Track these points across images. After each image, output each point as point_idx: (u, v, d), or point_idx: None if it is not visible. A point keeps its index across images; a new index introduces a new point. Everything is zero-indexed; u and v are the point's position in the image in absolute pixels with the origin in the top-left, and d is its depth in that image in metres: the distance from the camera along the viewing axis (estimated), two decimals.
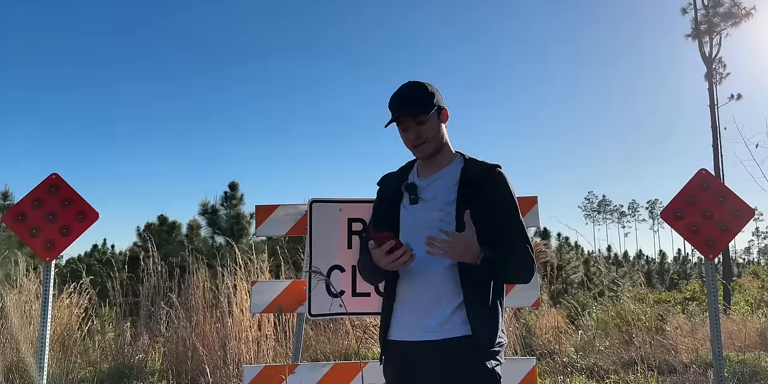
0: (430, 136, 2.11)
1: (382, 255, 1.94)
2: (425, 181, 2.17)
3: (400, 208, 2.16)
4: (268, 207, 3.74)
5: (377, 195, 2.34)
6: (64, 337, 6.10)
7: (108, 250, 14.61)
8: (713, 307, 4.10)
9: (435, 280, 2.04)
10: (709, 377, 5.69)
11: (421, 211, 2.10)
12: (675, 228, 4.18)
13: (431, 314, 2.02)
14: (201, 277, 6.26)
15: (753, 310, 9.71)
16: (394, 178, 2.28)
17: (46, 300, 3.98)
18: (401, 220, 2.13)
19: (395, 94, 2.15)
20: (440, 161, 2.18)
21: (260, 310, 3.71)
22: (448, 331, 2.00)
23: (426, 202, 2.11)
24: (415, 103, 2.10)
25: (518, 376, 3.45)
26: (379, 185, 2.35)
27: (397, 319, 2.11)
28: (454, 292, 2.03)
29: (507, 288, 3.67)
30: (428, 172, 2.19)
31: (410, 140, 2.13)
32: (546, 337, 7.76)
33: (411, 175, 2.23)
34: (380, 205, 2.28)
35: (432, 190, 2.13)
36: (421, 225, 2.07)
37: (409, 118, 2.09)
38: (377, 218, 2.25)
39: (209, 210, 10.74)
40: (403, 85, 2.16)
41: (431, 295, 2.04)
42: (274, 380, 3.53)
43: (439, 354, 2.00)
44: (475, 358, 1.99)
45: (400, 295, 2.11)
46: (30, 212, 3.95)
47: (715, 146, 21.34)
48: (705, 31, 22.94)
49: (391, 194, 2.21)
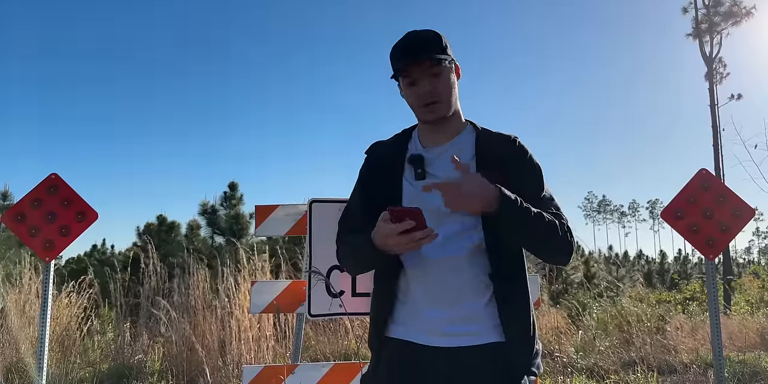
0: (445, 94, 1.71)
1: (396, 232, 1.51)
2: (431, 151, 1.77)
3: (403, 182, 1.74)
4: (267, 207, 3.74)
5: (366, 165, 1.89)
6: (64, 337, 6.10)
7: (107, 250, 14.60)
8: (713, 307, 4.09)
9: (455, 267, 1.65)
10: (709, 377, 5.68)
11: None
12: (675, 228, 4.18)
13: (451, 312, 1.64)
14: (200, 278, 6.26)
15: (753, 311, 9.71)
16: (386, 146, 1.87)
17: (46, 300, 3.97)
18: (404, 198, 1.72)
19: (403, 40, 1.74)
20: (450, 129, 1.78)
21: (260, 310, 3.71)
22: (472, 336, 1.64)
23: (436, 178, 1.69)
24: (431, 49, 1.69)
25: None
26: (367, 154, 1.90)
27: (401, 317, 1.72)
28: (482, 283, 1.66)
29: None
30: (434, 141, 1.78)
31: (423, 96, 1.70)
32: (546, 337, 7.75)
33: (412, 145, 1.82)
34: (371, 178, 1.84)
35: (442, 164, 1.71)
36: (432, 205, 1.63)
37: (422, 67, 1.68)
38: (370, 193, 1.80)
39: (209, 210, 10.75)
40: (411, 32, 1.74)
41: (450, 287, 1.65)
42: (273, 380, 3.53)
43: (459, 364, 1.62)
44: (507, 371, 1.63)
45: (405, 286, 1.72)
46: (29, 212, 3.95)
47: (715, 146, 21.32)
48: (705, 30, 22.93)
49: (388, 166, 1.79)
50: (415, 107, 1.75)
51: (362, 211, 1.78)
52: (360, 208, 1.81)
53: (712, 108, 21.85)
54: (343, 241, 1.83)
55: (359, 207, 1.81)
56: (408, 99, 1.77)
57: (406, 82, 1.73)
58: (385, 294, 1.75)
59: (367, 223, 1.65)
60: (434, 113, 1.73)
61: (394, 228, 1.52)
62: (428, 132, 1.80)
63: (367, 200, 1.79)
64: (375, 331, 1.77)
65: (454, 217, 1.65)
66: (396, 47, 1.74)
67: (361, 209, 1.80)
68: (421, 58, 1.67)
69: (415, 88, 1.72)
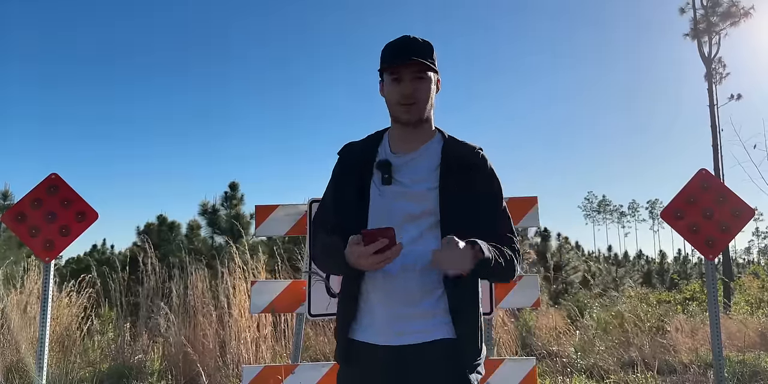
0: (423, 99, 1.81)
1: (368, 254, 1.60)
2: (400, 158, 1.85)
3: (371, 186, 1.83)
4: (267, 207, 3.74)
5: (339, 166, 1.96)
6: (64, 337, 6.10)
7: (107, 250, 14.60)
8: (713, 307, 4.09)
9: (411, 270, 1.76)
10: (709, 377, 5.68)
11: (399, 195, 1.79)
12: (675, 228, 4.18)
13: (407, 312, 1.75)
14: (200, 278, 6.26)
15: (753, 311, 9.71)
16: (358, 146, 1.95)
17: (46, 300, 3.97)
18: (371, 202, 1.81)
19: (399, 40, 1.84)
20: (420, 135, 1.87)
21: (260, 310, 3.71)
22: (428, 333, 1.74)
23: (402, 184, 1.81)
24: (422, 55, 1.80)
25: (518, 377, 3.45)
26: (340, 155, 1.98)
27: (364, 318, 1.81)
28: (435, 285, 1.76)
29: (507, 288, 3.68)
30: (404, 147, 1.86)
31: (404, 95, 1.79)
32: (546, 338, 7.75)
33: (382, 149, 1.89)
34: (342, 179, 1.92)
35: (409, 171, 1.83)
36: (395, 211, 1.77)
37: (410, 69, 1.78)
38: (340, 194, 1.89)
39: (209, 210, 10.72)
40: (407, 36, 1.85)
41: (407, 290, 1.76)
42: (273, 380, 3.53)
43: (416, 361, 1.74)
44: (458, 366, 1.74)
45: (366, 290, 1.81)
46: (29, 212, 3.94)
47: (714, 146, 21.31)
48: (704, 30, 22.92)
49: (357, 169, 1.87)
50: (393, 104, 1.84)
51: (334, 210, 1.90)
52: (332, 209, 1.91)
53: (711, 108, 21.84)
54: (318, 244, 1.92)
55: (331, 207, 1.92)
56: (388, 96, 1.85)
57: (391, 78, 1.81)
58: (348, 296, 1.85)
59: (338, 224, 1.82)
60: (409, 114, 1.82)
61: (366, 250, 1.60)
62: (399, 136, 1.89)
63: (338, 201, 1.89)
64: (340, 332, 1.86)
65: (414, 223, 1.78)
66: (390, 45, 1.84)
67: (333, 209, 1.90)
68: (411, 60, 1.77)
69: (398, 87, 1.80)
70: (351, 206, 1.81)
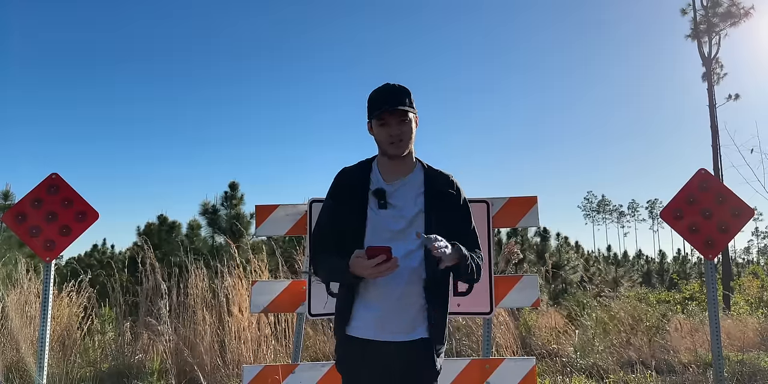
0: (407, 137, 2.20)
1: (370, 266, 1.99)
2: (391, 186, 2.24)
3: (368, 211, 2.21)
4: (268, 207, 3.75)
5: (336, 188, 2.31)
6: (64, 337, 6.10)
7: (108, 250, 14.61)
8: (713, 307, 4.10)
9: (402, 278, 2.13)
10: (708, 377, 5.69)
11: (392, 217, 2.19)
12: (675, 228, 4.19)
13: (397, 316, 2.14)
14: (200, 277, 6.26)
15: (752, 310, 9.72)
16: (353, 174, 2.31)
17: (46, 300, 3.97)
18: (368, 224, 2.19)
19: (383, 90, 2.22)
20: (405, 166, 2.27)
21: (260, 309, 3.72)
22: (411, 334, 2.16)
23: (396, 208, 2.21)
24: (404, 103, 2.18)
25: (518, 376, 3.46)
26: (336, 180, 2.34)
27: (359, 317, 2.18)
28: (418, 295, 2.17)
29: (506, 288, 3.69)
30: (393, 176, 2.26)
31: (393, 136, 2.18)
32: (545, 337, 7.75)
33: (374, 177, 2.27)
34: (341, 204, 2.26)
35: (400, 197, 2.23)
36: (392, 231, 2.17)
37: (394, 115, 2.17)
38: (339, 218, 2.24)
39: (209, 210, 10.72)
40: (387, 85, 2.24)
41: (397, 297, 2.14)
42: (273, 380, 3.53)
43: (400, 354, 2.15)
44: (430, 357, 2.18)
45: (362, 293, 2.18)
46: (30, 212, 3.95)
47: (714, 146, 21.30)
48: (704, 31, 22.92)
49: (354, 194, 2.24)
50: (383, 143, 2.22)
51: (333, 233, 2.25)
52: (330, 231, 2.26)
53: (711, 108, 21.85)
54: (319, 262, 2.27)
55: (329, 230, 2.27)
56: (377, 136, 2.23)
57: (379, 123, 2.19)
58: (347, 297, 2.21)
59: (337, 244, 2.19)
60: (398, 149, 2.20)
61: (369, 263, 1.98)
62: (387, 166, 2.28)
63: (337, 222, 2.23)
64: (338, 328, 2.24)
65: (405, 241, 2.17)
66: (375, 95, 2.22)
67: (331, 232, 2.26)
68: (396, 110, 2.15)
69: (386, 129, 2.19)
70: (350, 226, 2.19)
